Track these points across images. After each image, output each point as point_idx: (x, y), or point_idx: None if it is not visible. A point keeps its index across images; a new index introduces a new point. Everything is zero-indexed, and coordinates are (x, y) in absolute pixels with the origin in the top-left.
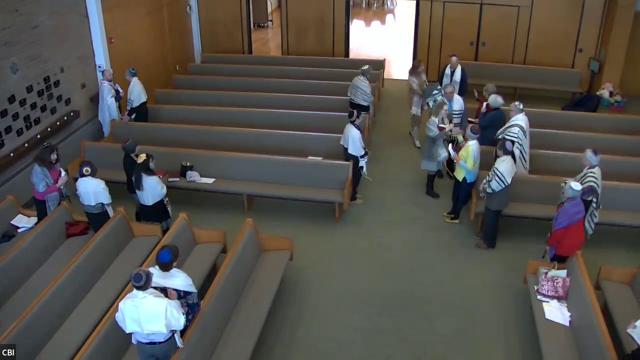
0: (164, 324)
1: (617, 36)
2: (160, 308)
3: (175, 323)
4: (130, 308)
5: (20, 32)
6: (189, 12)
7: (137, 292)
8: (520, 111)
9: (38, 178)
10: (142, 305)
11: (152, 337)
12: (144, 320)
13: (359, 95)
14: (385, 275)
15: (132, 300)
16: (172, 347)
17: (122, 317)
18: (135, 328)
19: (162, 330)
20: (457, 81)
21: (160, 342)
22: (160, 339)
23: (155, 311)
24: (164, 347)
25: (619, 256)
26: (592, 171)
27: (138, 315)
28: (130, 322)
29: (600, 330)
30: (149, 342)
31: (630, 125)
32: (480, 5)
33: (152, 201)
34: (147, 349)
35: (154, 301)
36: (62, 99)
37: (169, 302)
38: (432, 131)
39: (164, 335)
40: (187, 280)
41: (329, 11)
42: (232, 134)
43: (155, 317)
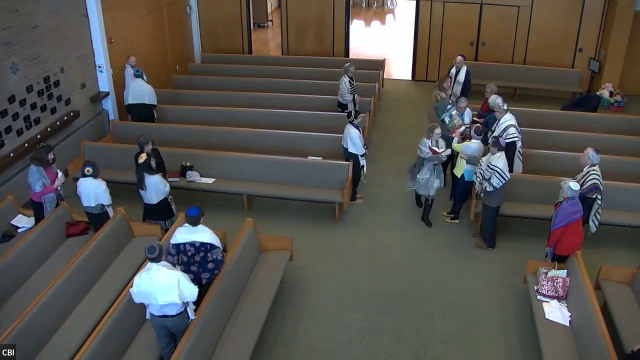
0: (177, 295)
1: (617, 36)
2: (173, 279)
3: (187, 294)
4: (146, 281)
5: (20, 32)
6: (189, 12)
7: (151, 264)
8: (506, 111)
9: (34, 178)
10: (156, 277)
11: (165, 310)
12: (159, 292)
13: (339, 93)
14: (385, 275)
15: (147, 273)
16: (184, 321)
17: (137, 291)
18: (150, 300)
19: (176, 301)
20: (461, 82)
21: (172, 316)
22: (172, 312)
23: (168, 282)
24: (177, 320)
25: (619, 256)
26: (593, 169)
27: (153, 287)
28: (145, 294)
29: (600, 330)
30: (162, 315)
31: (630, 125)
32: (480, 5)
33: (156, 200)
34: (160, 322)
35: (167, 273)
36: (62, 99)
37: (182, 274)
38: (423, 152)
39: (177, 308)
40: (213, 235)
41: (329, 11)
42: (232, 134)
43: (169, 288)
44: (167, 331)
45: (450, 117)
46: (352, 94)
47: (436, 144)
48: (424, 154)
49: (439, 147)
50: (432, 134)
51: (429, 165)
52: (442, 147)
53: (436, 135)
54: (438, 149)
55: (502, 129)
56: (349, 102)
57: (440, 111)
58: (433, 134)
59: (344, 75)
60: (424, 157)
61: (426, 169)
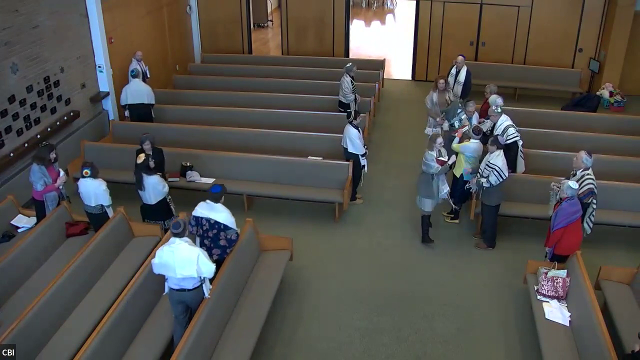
0: (195, 269)
1: (617, 36)
2: (193, 255)
3: (205, 269)
4: (168, 253)
5: (20, 32)
6: (189, 12)
7: (174, 239)
8: (500, 114)
9: (36, 177)
10: (177, 250)
11: (182, 284)
12: (178, 265)
13: (340, 93)
14: (385, 275)
15: (169, 247)
16: (199, 296)
17: (158, 262)
18: (169, 273)
19: (194, 275)
20: (461, 82)
21: (189, 290)
22: (189, 285)
23: (188, 257)
24: (193, 294)
25: (619, 256)
26: (588, 173)
27: (174, 260)
28: (166, 266)
29: (600, 330)
30: (180, 289)
31: (630, 125)
32: (480, 5)
33: (154, 200)
34: (178, 295)
35: (188, 248)
36: (62, 99)
37: (201, 250)
38: (433, 167)
39: (194, 283)
40: (229, 217)
41: (329, 11)
42: (232, 134)
43: (188, 263)
44: (183, 306)
45: (460, 121)
46: (354, 93)
47: (439, 154)
48: (434, 169)
49: (442, 156)
50: (434, 144)
51: (442, 177)
52: (445, 156)
53: (439, 145)
54: (444, 158)
55: (502, 130)
56: (351, 102)
57: (450, 115)
58: (436, 144)
59: (345, 75)
60: (434, 172)
61: (442, 181)
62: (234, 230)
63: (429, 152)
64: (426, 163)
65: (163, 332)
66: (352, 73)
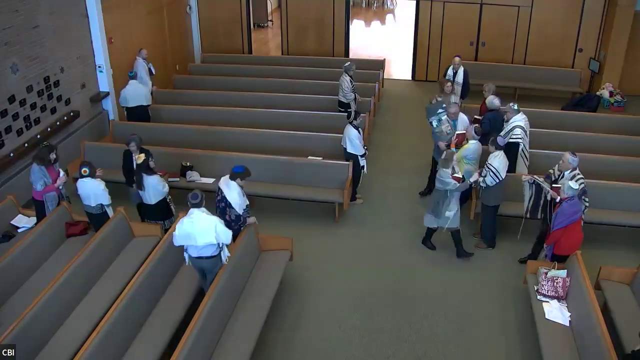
0: (214, 236)
1: (617, 36)
2: (211, 223)
3: (223, 237)
4: (188, 224)
5: (20, 32)
6: (189, 12)
7: (192, 209)
8: (517, 112)
9: (36, 177)
10: (197, 220)
11: (202, 252)
12: (198, 234)
13: (340, 92)
14: (385, 275)
15: (189, 217)
16: (218, 263)
17: (179, 233)
18: (190, 242)
19: (213, 242)
20: (460, 82)
21: (207, 257)
22: (208, 253)
23: (207, 225)
24: (212, 261)
25: (619, 256)
26: (577, 172)
27: (193, 229)
28: (187, 236)
29: (600, 330)
30: (199, 257)
31: (630, 125)
32: (480, 5)
33: (154, 200)
34: (197, 263)
35: (206, 218)
36: (62, 99)
37: (218, 219)
38: (450, 184)
39: (212, 250)
40: (237, 198)
41: (329, 11)
42: (232, 134)
43: (208, 231)
44: (203, 273)
45: (439, 121)
46: (354, 92)
47: (453, 171)
48: (452, 185)
49: (456, 173)
50: (449, 162)
51: (457, 195)
52: (458, 172)
53: (455, 162)
54: (458, 175)
55: (509, 129)
56: (351, 101)
57: (430, 113)
58: (451, 162)
59: (344, 75)
60: (451, 189)
61: (455, 201)
62: (235, 210)
63: (443, 170)
64: (442, 180)
65: (163, 332)
66: (351, 72)
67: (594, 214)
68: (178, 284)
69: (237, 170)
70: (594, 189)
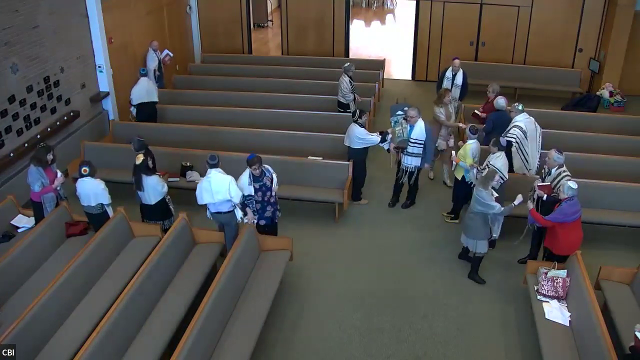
0: (227, 193)
1: (617, 36)
2: (225, 182)
3: (233, 194)
4: (206, 183)
5: (20, 32)
6: (189, 12)
7: (210, 170)
8: (520, 112)
9: (34, 178)
10: (213, 179)
11: (219, 208)
12: (215, 190)
13: (339, 93)
14: (385, 275)
15: (207, 177)
16: (233, 217)
17: (199, 192)
18: (209, 199)
19: (227, 197)
20: (459, 85)
21: (224, 212)
22: (225, 209)
23: (222, 183)
24: (228, 216)
25: (619, 256)
26: (563, 170)
27: (210, 187)
28: (206, 194)
29: (600, 330)
30: (217, 212)
31: (630, 125)
32: (480, 5)
33: (154, 200)
34: (216, 217)
35: (221, 177)
36: (62, 99)
37: (232, 179)
38: (495, 207)
39: (228, 206)
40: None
41: (329, 11)
42: (232, 134)
43: (222, 188)
44: (221, 225)
45: (395, 122)
46: (353, 92)
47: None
48: (497, 209)
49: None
50: (490, 182)
51: (501, 218)
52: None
53: (496, 183)
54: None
55: (509, 128)
56: (350, 102)
57: (391, 113)
58: (492, 181)
59: (343, 75)
60: (496, 212)
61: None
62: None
63: (483, 191)
64: (484, 203)
65: (163, 332)
66: (350, 73)
67: (594, 214)
68: (178, 283)
69: (252, 156)
70: (594, 189)
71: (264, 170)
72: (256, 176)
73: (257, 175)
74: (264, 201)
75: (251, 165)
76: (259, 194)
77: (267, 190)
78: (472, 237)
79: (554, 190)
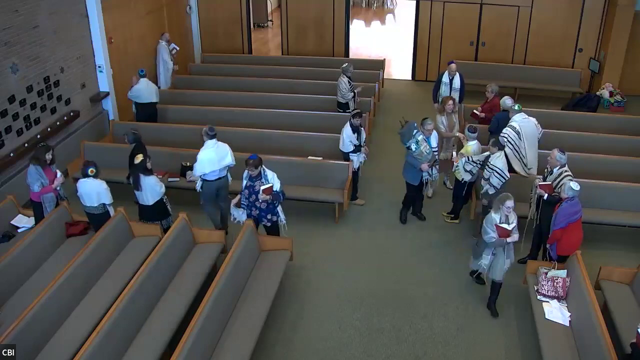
0: (231, 159)
1: (617, 36)
2: (227, 147)
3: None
4: (210, 153)
5: (20, 32)
6: (189, 12)
7: (211, 141)
8: (517, 112)
9: (33, 178)
10: (217, 147)
11: (221, 174)
12: (219, 157)
13: (338, 93)
14: (385, 275)
15: (209, 148)
16: (228, 182)
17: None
18: (214, 166)
19: (232, 162)
20: (457, 88)
21: (223, 177)
22: (224, 173)
23: (225, 148)
24: (225, 181)
25: (619, 256)
26: (565, 169)
27: (215, 155)
28: (212, 161)
29: (600, 330)
30: (218, 179)
31: (630, 125)
32: (480, 5)
33: (152, 201)
34: (216, 184)
35: (222, 145)
36: (62, 99)
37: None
38: (488, 234)
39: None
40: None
41: (329, 11)
42: (232, 134)
43: (226, 153)
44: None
45: (417, 143)
46: (353, 91)
47: (506, 220)
48: (488, 237)
49: (509, 222)
50: (502, 207)
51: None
52: (513, 222)
53: (507, 209)
54: (509, 226)
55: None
56: (349, 100)
57: (406, 137)
58: (504, 206)
59: (342, 76)
60: (487, 240)
61: (488, 251)
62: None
63: (492, 215)
64: (484, 227)
65: (163, 332)
66: (348, 73)
67: (594, 213)
68: (178, 283)
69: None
70: (593, 189)
71: (262, 175)
72: (251, 176)
73: (252, 176)
74: (250, 201)
75: (246, 164)
76: (246, 192)
77: (254, 194)
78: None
79: (555, 189)
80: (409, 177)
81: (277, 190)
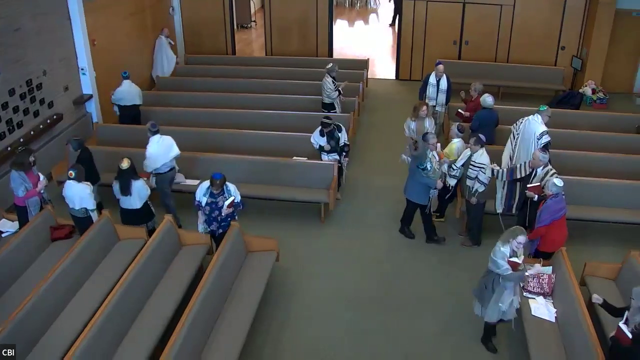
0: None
1: (599, 34)
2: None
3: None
4: (159, 148)
5: (2, 34)
6: (171, 13)
7: (155, 136)
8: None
9: (17, 183)
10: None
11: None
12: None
13: (323, 93)
14: (372, 275)
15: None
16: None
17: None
18: (164, 160)
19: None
20: (444, 89)
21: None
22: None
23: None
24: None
25: (603, 252)
26: (550, 168)
27: (163, 148)
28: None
29: (586, 325)
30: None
31: (612, 122)
32: (463, 5)
33: (140, 204)
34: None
35: (166, 137)
36: (44, 102)
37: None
38: (501, 267)
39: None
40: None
41: (312, 11)
42: (217, 135)
43: (172, 145)
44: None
45: (429, 163)
46: (338, 89)
47: (514, 254)
48: (502, 270)
49: (518, 256)
50: (512, 240)
51: (509, 285)
52: (521, 256)
53: (517, 245)
54: (518, 260)
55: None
56: (334, 100)
57: (422, 158)
58: (515, 241)
59: (326, 76)
60: (501, 273)
61: (509, 292)
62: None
63: (500, 248)
64: (494, 260)
65: (150, 335)
66: (333, 74)
67: (578, 210)
68: (165, 286)
69: (219, 176)
70: (578, 186)
71: (225, 191)
72: (212, 192)
73: (214, 192)
74: (210, 217)
75: (212, 184)
76: (207, 208)
77: (216, 209)
78: (476, 294)
79: (544, 189)
80: (418, 197)
81: (238, 201)
